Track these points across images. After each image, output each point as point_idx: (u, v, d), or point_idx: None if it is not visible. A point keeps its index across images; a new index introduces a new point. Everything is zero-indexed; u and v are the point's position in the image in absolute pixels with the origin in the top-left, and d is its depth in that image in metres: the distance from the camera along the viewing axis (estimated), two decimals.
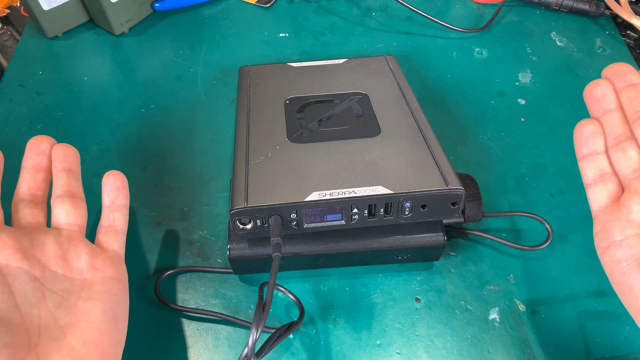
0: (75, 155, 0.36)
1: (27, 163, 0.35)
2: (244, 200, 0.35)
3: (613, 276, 0.29)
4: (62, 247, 0.32)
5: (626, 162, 0.31)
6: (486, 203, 0.45)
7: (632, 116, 0.31)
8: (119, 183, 0.37)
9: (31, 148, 0.35)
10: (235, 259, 0.38)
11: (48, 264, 0.31)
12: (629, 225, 0.29)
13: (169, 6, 0.62)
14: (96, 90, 0.55)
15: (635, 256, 0.28)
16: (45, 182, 0.35)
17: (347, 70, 0.49)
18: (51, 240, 0.32)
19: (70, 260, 0.32)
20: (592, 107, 0.33)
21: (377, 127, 0.42)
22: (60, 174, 0.35)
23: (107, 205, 0.36)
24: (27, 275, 0.30)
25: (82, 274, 0.32)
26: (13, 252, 0.30)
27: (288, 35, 0.61)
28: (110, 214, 0.36)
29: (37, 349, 0.28)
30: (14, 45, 0.61)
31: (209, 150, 0.50)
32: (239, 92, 0.47)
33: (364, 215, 0.36)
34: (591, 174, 0.32)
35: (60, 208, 0.34)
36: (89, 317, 0.30)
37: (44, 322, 0.29)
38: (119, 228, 0.36)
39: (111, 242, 0.35)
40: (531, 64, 0.58)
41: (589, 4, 0.62)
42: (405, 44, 0.60)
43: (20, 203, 0.33)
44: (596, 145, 0.32)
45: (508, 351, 0.37)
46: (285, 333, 0.35)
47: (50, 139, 0.36)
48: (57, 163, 0.35)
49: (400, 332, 0.38)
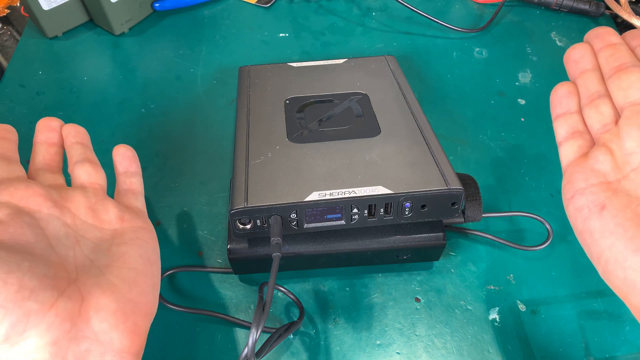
0: (85, 133, 0.37)
1: (40, 139, 0.35)
2: (244, 200, 0.35)
3: (576, 225, 0.29)
4: (89, 200, 0.32)
5: (597, 118, 0.31)
6: (486, 203, 0.45)
7: (607, 73, 0.31)
8: (129, 153, 0.37)
9: (42, 126, 0.35)
10: (235, 259, 0.38)
11: (78, 214, 0.31)
12: (593, 174, 0.29)
13: (169, 6, 0.62)
14: (96, 90, 0.55)
15: (596, 202, 0.28)
16: (59, 156, 0.35)
17: (347, 70, 0.49)
18: (78, 194, 0.32)
19: (98, 212, 0.32)
20: (570, 69, 0.33)
21: (377, 127, 0.42)
22: (74, 146, 0.35)
23: (121, 173, 0.36)
24: (59, 221, 0.30)
25: (111, 224, 0.32)
26: (44, 199, 0.30)
27: (288, 35, 0.61)
28: (127, 179, 0.36)
29: (77, 282, 0.28)
30: (14, 45, 0.61)
31: (209, 150, 0.50)
32: (239, 92, 0.47)
33: (364, 215, 0.36)
34: (563, 131, 0.32)
35: (81, 169, 0.34)
36: (124, 259, 0.30)
37: (80, 263, 0.29)
38: (137, 190, 0.36)
39: (133, 202, 0.35)
40: (531, 64, 0.58)
41: (589, 4, 0.62)
42: (405, 44, 0.60)
43: (38, 171, 0.33)
44: (569, 105, 0.32)
45: (508, 351, 0.37)
46: (285, 333, 0.35)
47: (59, 120, 0.36)
48: (69, 138, 0.36)
49: (400, 332, 0.38)
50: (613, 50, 0.31)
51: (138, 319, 0.29)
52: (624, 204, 0.27)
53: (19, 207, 0.29)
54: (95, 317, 0.27)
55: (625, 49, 0.31)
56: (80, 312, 0.27)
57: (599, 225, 0.28)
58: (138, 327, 0.28)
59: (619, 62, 0.30)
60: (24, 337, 0.24)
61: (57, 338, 0.25)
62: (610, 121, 0.30)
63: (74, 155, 0.35)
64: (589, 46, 0.32)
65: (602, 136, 0.30)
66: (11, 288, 0.24)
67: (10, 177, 0.30)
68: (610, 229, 0.27)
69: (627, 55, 0.30)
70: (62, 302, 0.26)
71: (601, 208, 0.28)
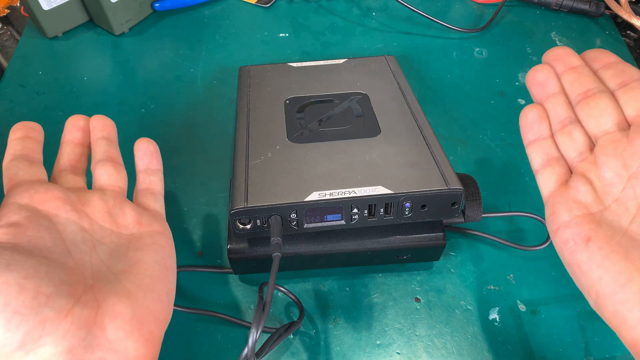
0: (112, 126, 0.37)
1: (67, 137, 0.35)
2: (244, 200, 0.35)
3: (564, 257, 0.29)
4: (107, 205, 0.32)
5: (572, 146, 0.31)
6: (486, 203, 0.45)
7: (574, 99, 0.31)
8: (152, 148, 0.37)
9: (71, 124, 0.36)
10: (235, 259, 0.38)
11: (95, 218, 0.31)
12: (575, 206, 0.29)
13: (169, 6, 0.62)
14: (96, 90, 0.55)
15: (581, 234, 0.28)
16: (84, 156, 0.35)
17: (347, 70, 0.49)
18: (97, 197, 0.32)
19: (116, 216, 0.32)
20: (535, 92, 0.33)
21: (377, 127, 0.42)
22: (99, 141, 0.35)
23: (141, 170, 0.36)
24: (76, 226, 0.30)
25: (128, 229, 0.32)
26: (62, 203, 0.30)
27: (288, 35, 0.61)
28: (147, 177, 0.36)
29: (93, 289, 0.28)
30: (14, 45, 0.61)
31: (209, 150, 0.50)
32: (239, 92, 0.47)
33: (364, 215, 0.36)
34: (539, 159, 0.32)
35: (102, 170, 0.34)
36: (140, 265, 0.30)
37: (97, 268, 0.29)
38: (156, 190, 0.36)
39: (151, 203, 0.35)
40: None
41: (589, 4, 0.62)
42: (405, 44, 0.60)
43: (61, 172, 0.33)
44: (541, 131, 0.32)
45: (508, 351, 0.37)
46: (285, 333, 0.35)
47: (86, 117, 0.37)
48: (95, 132, 0.36)
49: (400, 332, 0.38)
50: (576, 74, 0.31)
51: (153, 327, 0.28)
52: (608, 236, 0.27)
53: (37, 210, 0.29)
54: (111, 325, 0.27)
55: (588, 72, 0.31)
56: (96, 320, 0.26)
57: (586, 257, 0.27)
58: (153, 335, 0.28)
59: (585, 88, 0.30)
60: (40, 344, 0.24)
61: (72, 346, 0.25)
62: (585, 149, 0.30)
63: (98, 152, 0.35)
64: (551, 68, 0.32)
65: (579, 165, 0.30)
66: (28, 294, 0.24)
67: (31, 179, 0.30)
68: (597, 262, 0.27)
69: (591, 79, 0.31)
70: (78, 309, 0.26)
71: (587, 240, 0.28)
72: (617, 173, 0.28)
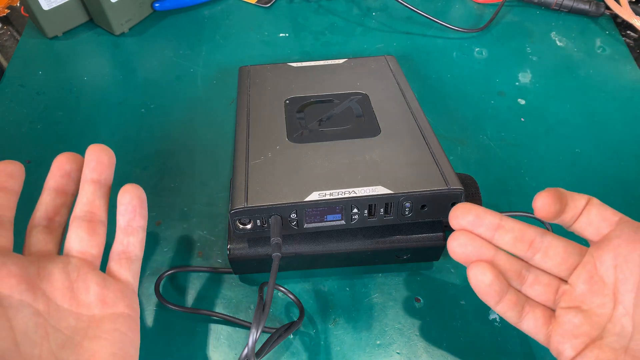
0: (109, 162, 0.33)
1: (50, 184, 0.32)
2: (244, 200, 0.35)
3: None
4: (69, 278, 0.29)
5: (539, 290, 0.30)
6: (486, 203, 0.45)
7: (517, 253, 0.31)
8: (136, 202, 0.33)
9: (56, 167, 0.33)
10: (235, 259, 0.38)
11: (54, 297, 0.29)
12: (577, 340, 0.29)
13: (169, 6, 0.62)
14: (96, 90, 0.55)
15: None
16: (66, 207, 0.33)
17: (347, 70, 0.49)
18: (59, 270, 0.29)
19: (77, 292, 0.29)
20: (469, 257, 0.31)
21: (377, 127, 0.42)
22: (86, 186, 0.32)
23: (122, 227, 0.33)
24: (29, 310, 0.27)
25: (89, 309, 0.30)
26: (18, 281, 0.27)
27: (288, 35, 0.61)
28: (125, 238, 0.33)
29: None
30: (14, 45, 0.61)
31: (209, 150, 0.50)
32: (239, 92, 0.47)
33: (364, 215, 0.36)
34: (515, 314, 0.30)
35: (75, 234, 0.31)
36: (95, 359, 0.28)
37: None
38: (133, 255, 0.33)
39: (124, 272, 0.32)
40: (531, 64, 0.58)
41: (589, 4, 0.62)
42: (405, 44, 0.60)
43: (34, 228, 0.31)
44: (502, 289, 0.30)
45: (508, 351, 0.37)
46: (285, 333, 0.35)
47: (77, 158, 0.34)
48: (87, 171, 0.32)
49: (400, 332, 0.38)
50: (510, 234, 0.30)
51: None
52: None
53: None
54: None
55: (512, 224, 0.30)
56: None
57: None
58: None
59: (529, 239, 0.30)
60: None
61: None
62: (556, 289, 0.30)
63: (79, 202, 0.32)
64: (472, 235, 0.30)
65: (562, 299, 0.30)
66: None
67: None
68: None
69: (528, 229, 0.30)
70: None
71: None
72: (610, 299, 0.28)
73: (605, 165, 0.48)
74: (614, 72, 0.57)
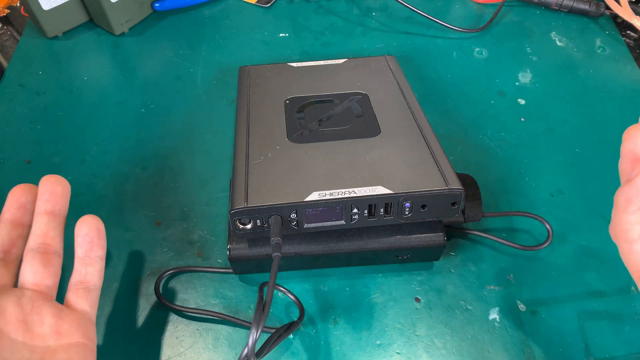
0: (63, 193, 0.33)
1: (6, 216, 0.32)
2: (244, 200, 0.35)
3: None
4: (23, 311, 0.29)
5: None
6: (486, 203, 0.45)
7: None
8: (93, 233, 0.33)
9: (12, 200, 0.33)
10: (235, 259, 0.38)
11: (7, 331, 0.29)
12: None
13: (169, 6, 0.62)
14: (96, 90, 0.55)
15: None
16: (22, 239, 0.33)
17: (347, 70, 0.49)
18: (13, 303, 0.29)
19: (32, 324, 0.29)
20: None
21: (377, 127, 0.42)
22: (40, 217, 0.32)
23: (80, 258, 0.33)
24: None
25: (44, 340, 0.29)
26: None
27: (288, 35, 0.61)
28: (83, 268, 0.33)
29: None
30: (14, 45, 0.61)
31: (209, 150, 0.50)
32: (239, 92, 0.47)
33: (364, 215, 0.36)
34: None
35: (29, 266, 0.31)
36: None
37: None
38: (91, 284, 0.33)
39: (80, 302, 0.32)
40: (531, 64, 0.58)
41: (589, 4, 0.62)
42: (405, 44, 0.60)
43: None
44: None
45: (508, 351, 0.37)
46: (285, 333, 0.35)
47: (33, 189, 0.33)
48: (40, 202, 0.32)
49: (400, 332, 0.38)
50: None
51: None
52: None
53: None
54: None
55: None
56: None
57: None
58: None
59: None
60: None
61: None
62: None
63: (32, 235, 0.32)
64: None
65: None
66: None
67: None
68: None
69: None
70: None
71: None
72: None
73: (605, 165, 0.48)
74: (614, 72, 0.57)
